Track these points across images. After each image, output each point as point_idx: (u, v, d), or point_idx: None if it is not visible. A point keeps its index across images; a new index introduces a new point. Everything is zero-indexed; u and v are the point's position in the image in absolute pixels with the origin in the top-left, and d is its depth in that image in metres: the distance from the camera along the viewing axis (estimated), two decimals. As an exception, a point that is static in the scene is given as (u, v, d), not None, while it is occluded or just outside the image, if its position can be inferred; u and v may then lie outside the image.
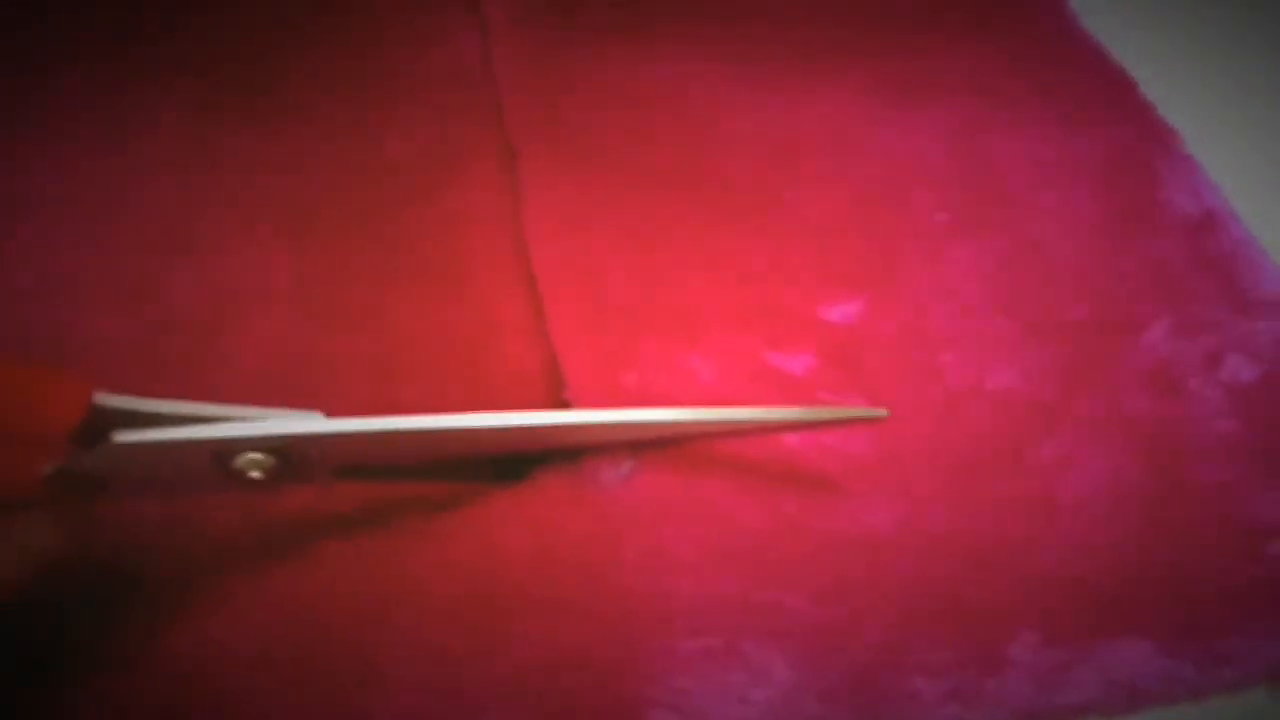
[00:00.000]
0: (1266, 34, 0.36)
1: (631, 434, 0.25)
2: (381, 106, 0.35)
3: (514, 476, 0.26)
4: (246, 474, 0.23)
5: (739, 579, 0.24)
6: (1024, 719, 0.23)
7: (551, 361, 0.28)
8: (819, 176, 0.33)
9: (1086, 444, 0.26)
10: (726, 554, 0.24)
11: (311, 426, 0.23)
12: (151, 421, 0.22)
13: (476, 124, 0.35)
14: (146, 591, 0.25)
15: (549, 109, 0.35)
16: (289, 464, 0.23)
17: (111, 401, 0.22)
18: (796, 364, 0.28)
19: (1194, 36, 0.36)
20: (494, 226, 0.32)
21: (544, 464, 0.26)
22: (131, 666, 0.23)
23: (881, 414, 0.26)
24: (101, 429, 0.22)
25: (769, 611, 0.24)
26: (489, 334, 0.29)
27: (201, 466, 0.23)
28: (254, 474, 0.23)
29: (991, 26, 0.36)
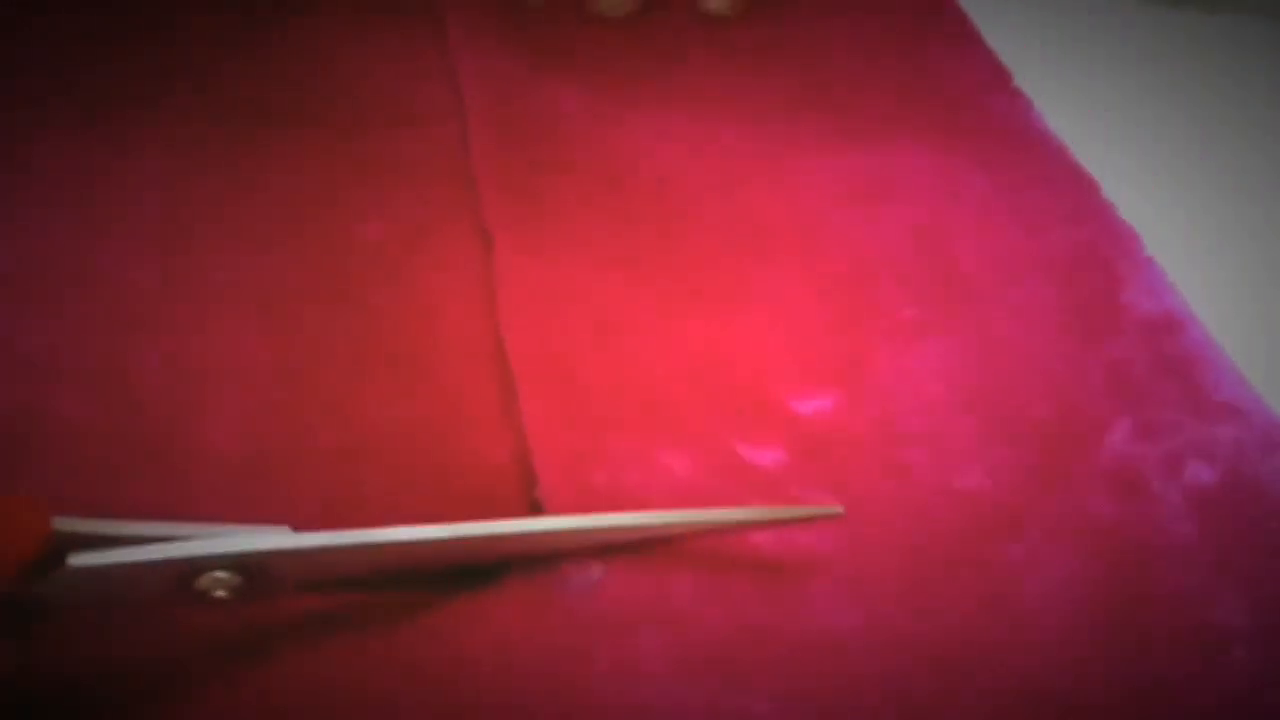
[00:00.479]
0: (1227, 138, 0.37)
1: (598, 538, 0.25)
2: (358, 188, 0.35)
3: (483, 581, 0.25)
4: (211, 594, 0.22)
5: (706, 687, 0.24)
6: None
7: (522, 454, 0.28)
8: (789, 267, 0.33)
9: (1051, 547, 0.27)
10: (693, 662, 0.24)
11: (278, 542, 0.22)
12: (111, 544, 0.22)
13: (452, 206, 0.35)
14: (101, 711, 0.24)
15: (524, 193, 0.35)
16: (254, 581, 0.23)
17: (71, 525, 0.22)
18: (767, 457, 0.28)
19: (1156, 139, 0.37)
20: (467, 310, 0.32)
21: (514, 569, 0.26)
22: None
23: (837, 511, 0.26)
24: (59, 553, 0.21)
25: (736, 716, 0.23)
26: (459, 425, 0.29)
27: (164, 588, 0.22)
28: (219, 593, 0.22)
29: (958, 128, 0.37)
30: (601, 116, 0.38)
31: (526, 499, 0.27)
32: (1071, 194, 0.35)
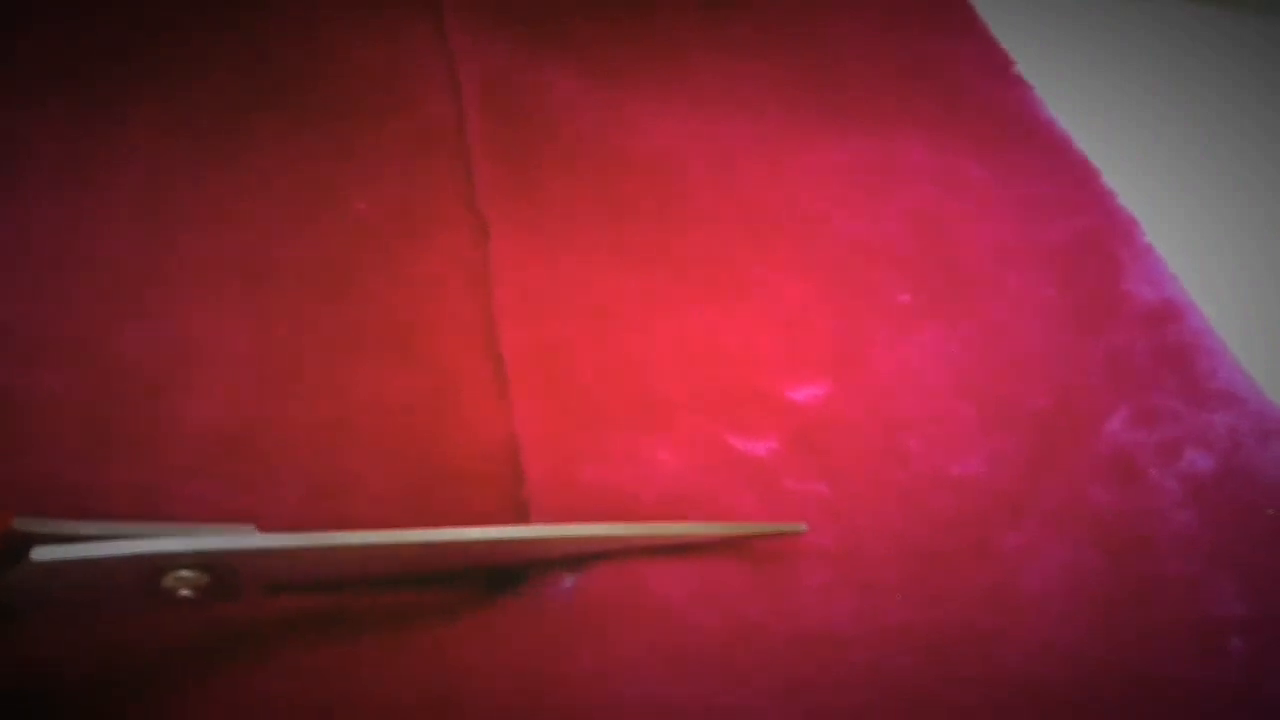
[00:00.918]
0: (1227, 129, 0.37)
1: (569, 548, 0.25)
2: (350, 169, 0.35)
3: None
4: (176, 593, 0.22)
5: (696, 684, 0.23)
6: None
7: (511, 440, 0.28)
8: (788, 256, 0.33)
9: (1050, 534, 0.26)
10: (687, 659, 0.24)
11: (246, 542, 0.22)
12: (70, 537, 0.21)
13: (445, 190, 0.34)
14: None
15: (520, 179, 0.35)
16: (221, 582, 0.22)
17: (32, 525, 0.21)
18: (760, 448, 0.28)
19: (1156, 128, 0.37)
20: (461, 295, 0.31)
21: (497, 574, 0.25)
22: None
23: (800, 529, 0.26)
24: (21, 550, 0.21)
25: (726, 716, 0.23)
26: (449, 405, 0.29)
27: (128, 586, 0.22)
28: (184, 592, 0.22)
29: (958, 116, 0.37)
30: (598, 103, 0.38)
31: (513, 483, 0.27)
32: (1072, 182, 0.35)
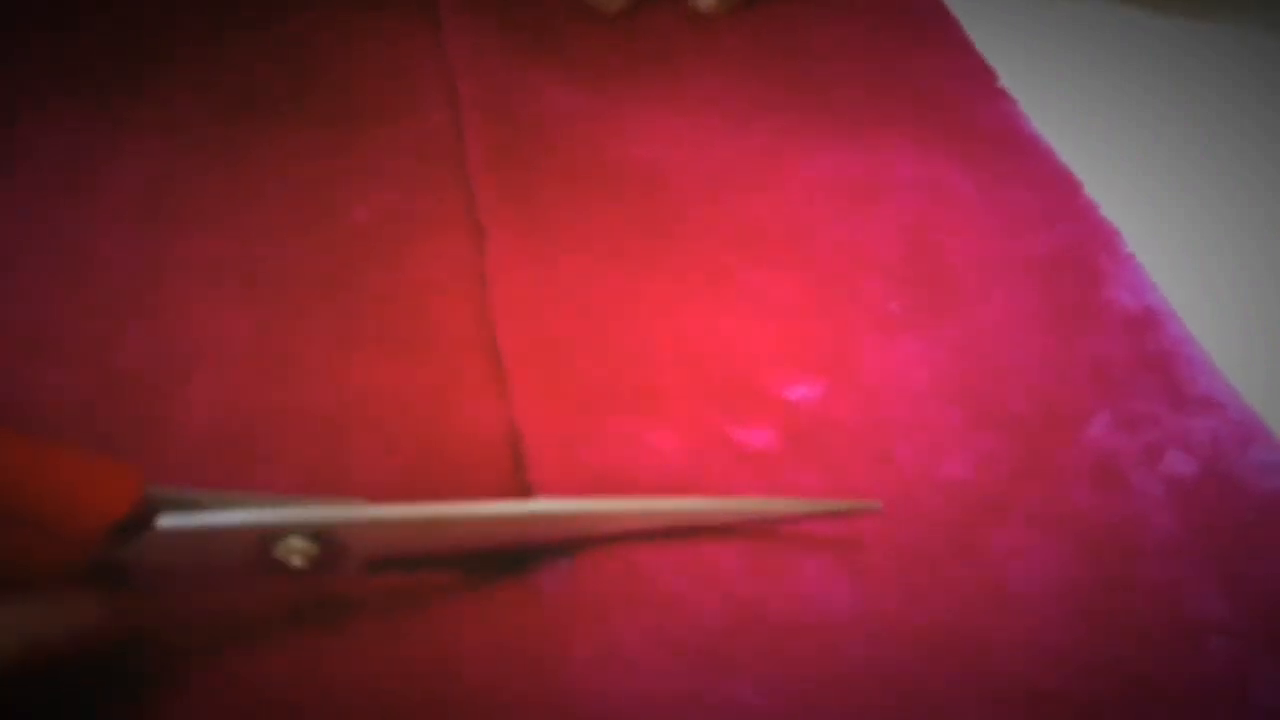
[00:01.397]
0: (1208, 140, 0.38)
1: (657, 523, 0.26)
2: (349, 174, 0.35)
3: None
4: (289, 562, 0.23)
5: (690, 674, 0.24)
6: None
7: (511, 430, 0.28)
8: (778, 264, 0.33)
9: (1034, 537, 0.27)
10: (678, 648, 0.24)
11: (359, 512, 0.23)
12: (193, 506, 0.22)
13: (443, 196, 0.35)
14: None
15: (517, 185, 0.35)
16: (330, 552, 0.23)
17: (160, 492, 0.22)
18: (760, 440, 0.28)
19: (1138, 140, 0.38)
20: (459, 297, 0.32)
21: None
22: None
23: (875, 505, 0.26)
24: (145, 518, 0.22)
25: (719, 707, 0.23)
26: (448, 399, 0.29)
27: (244, 555, 0.23)
28: (296, 561, 0.23)
29: (943, 128, 0.38)
30: (593, 112, 0.38)
31: (515, 475, 0.27)
32: (1055, 193, 0.35)
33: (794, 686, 0.24)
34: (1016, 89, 0.38)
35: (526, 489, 0.27)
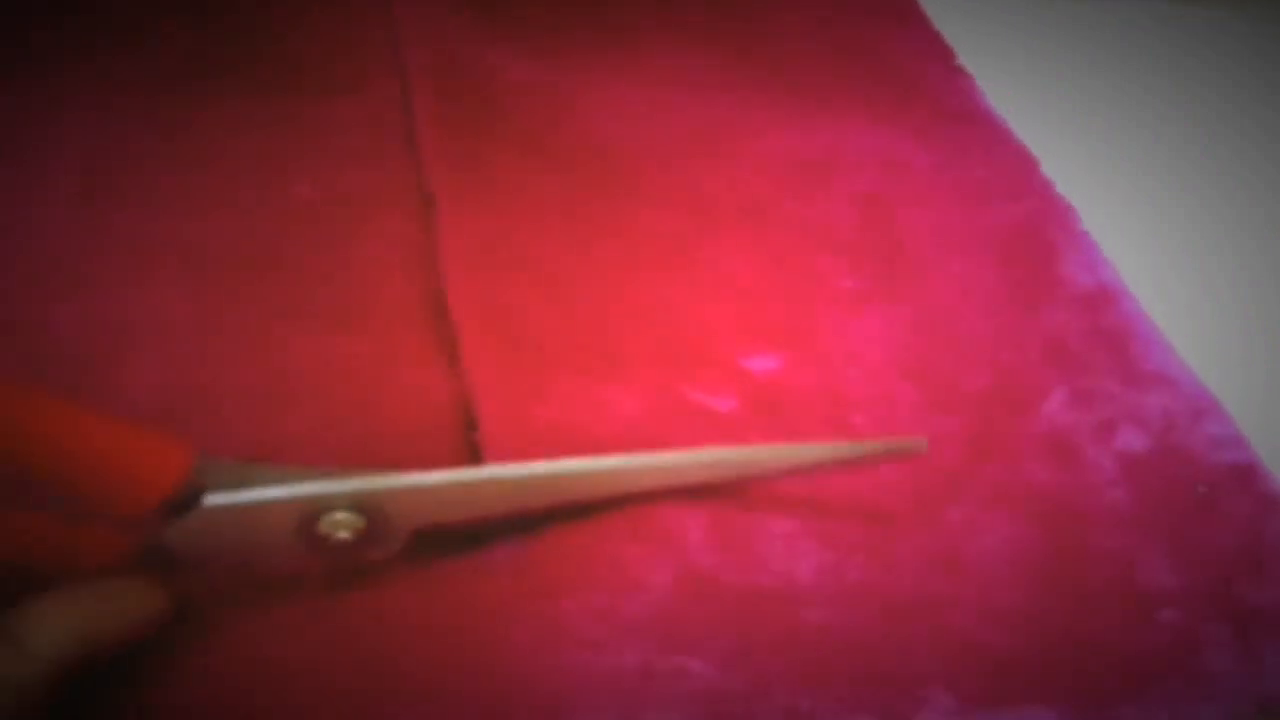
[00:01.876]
0: (1163, 117, 0.38)
1: (701, 475, 0.25)
2: (293, 147, 0.35)
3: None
4: (333, 536, 0.22)
5: (641, 648, 0.23)
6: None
7: (461, 395, 0.28)
8: (736, 238, 0.33)
9: (989, 509, 0.27)
10: (629, 622, 0.24)
11: (405, 480, 0.23)
12: (238, 480, 0.22)
13: (389, 171, 0.34)
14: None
15: (469, 157, 0.35)
16: (374, 524, 0.23)
17: (206, 463, 0.22)
18: (721, 404, 0.28)
19: (1092, 118, 0.38)
20: (405, 270, 0.31)
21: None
22: None
23: (920, 445, 0.25)
24: (192, 492, 0.22)
25: (671, 679, 0.23)
26: (392, 368, 0.29)
27: (286, 531, 0.22)
28: (342, 535, 0.22)
29: (901, 104, 0.37)
30: (548, 85, 0.38)
31: (465, 441, 0.27)
32: (1011, 169, 0.35)
33: (749, 656, 0.24)
34: (973, 66, 0.38)
35: (477, 455, 0.26)
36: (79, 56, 0.37)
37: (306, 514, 0.22)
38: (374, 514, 0.23)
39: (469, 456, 0.26)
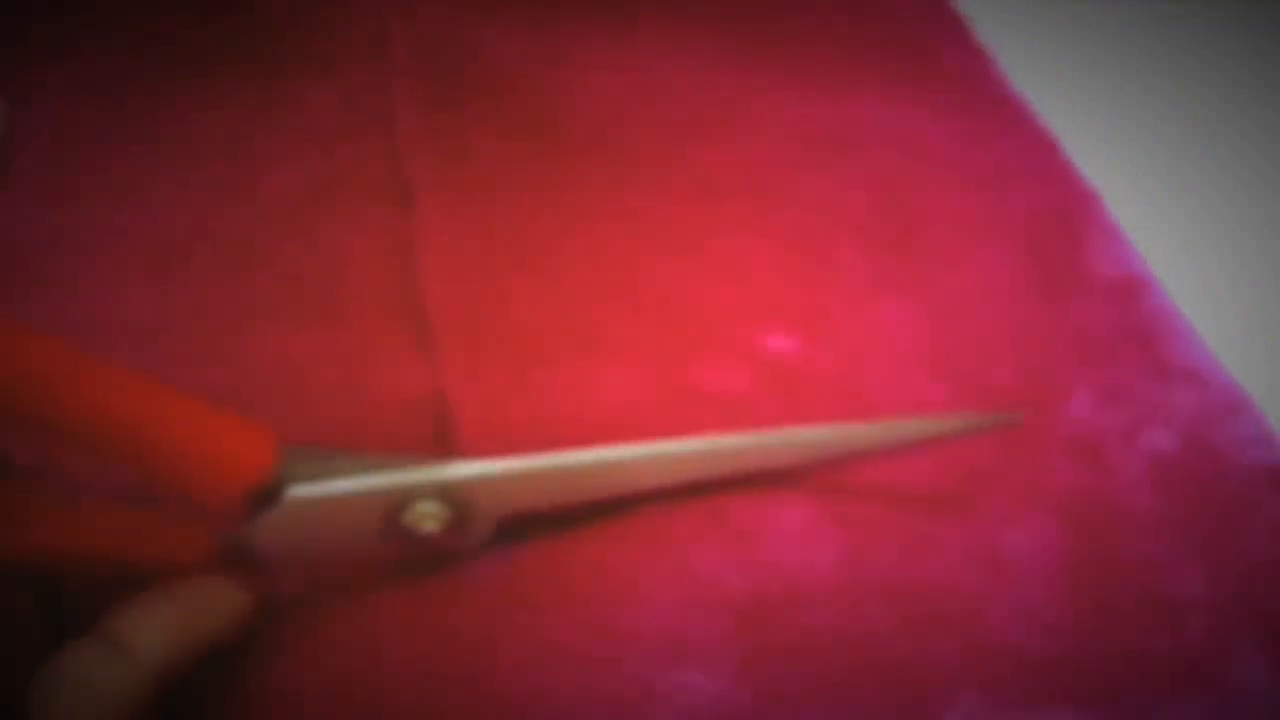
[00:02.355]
0: (1189, 99, 0.36)
1: (812, 454, 0.24)
2: (267, 135, 0.33)
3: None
4: (418, 528, 0.22)
5: (637, 662, 0.22)
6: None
7: (433, 385, 0.27)
8: (741, 221, 0.32)
9: (1019, 508, 0.26)
10: (628, 636, 0.23)
11: (489, 467, 0.22)
12: (319, 470, 0.21)
13: (369, 154, 0.33)
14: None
15: (452, 141, 0.33)
16: (461, 513, 0.22)
17: (290, 453, 0.21)
18: (726, 383, 0.27)
19: (1119, 100, 0.37)
20: (380, 262, 0.30)
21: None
22: None
23: (1017, 417, 0.24)
24: (276, 483, 0.21)
25: (676, 696, 0.22)
26: (363, 361, 0.27)
27: (370, 523, 0.22)
28: (428, 526, 0.22)
29: (919, 82, 0.36)
30: (537, 63, 0.36)
31: (439, 435, 0.26)
32: (1034, 153, 0.34)
33: (763, 667, 0.23)
34: (993, 44, 0.37)
35: (450, 449, 0.26)
36: (48, 48, 0.35)
37: (392, 505, 0.22)
38: (460, 503, 0.22)
39: (445, 453, 0.25)
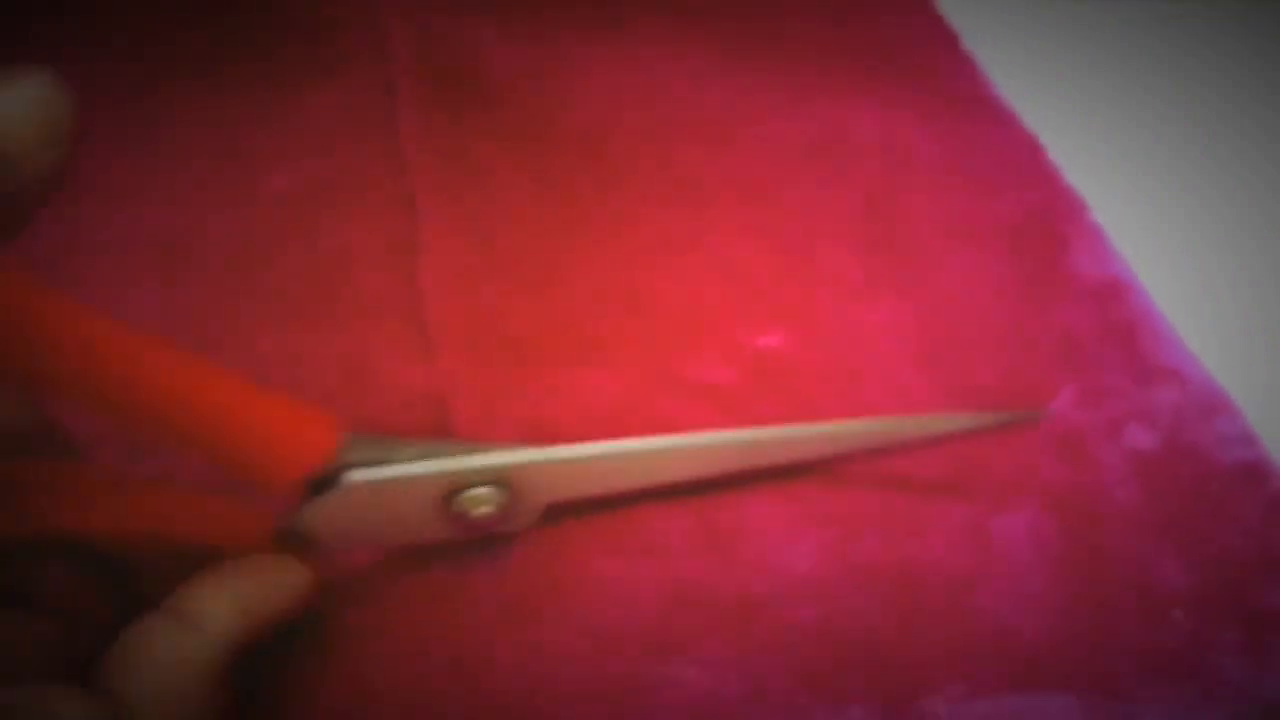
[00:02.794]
0: (1174, 108, 0.37)
1: (861, 443, 0.25)
2: (269, 138, 0.34)
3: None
4: (471, 513, 0.22)
5: (628, 659, 0.23)
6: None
7: (432, 385, 0.27)
8: (733, 225, 0.32)
9: (1006, 502, 0.26)
10: (617, 633, 0.23)
11: (544, 454, 0.23)
12: (377, 456, 0.21)
13: (372, 158, 0.33)
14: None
15: (452, 144, 0.34)
16: (512, 498, 0.22)
17: (351, 439, 0.22)
18: (716, 377, 0.28)
19: (1102, 105, 0.37)
20: (382, 265, 0.30)
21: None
22: None
23: (1036, 416, 0.25)
24: (336, 469, 0.21)
25: (660, 690, 0.22)
26: (363, 362, 0.28)
27: (425, 508, 0.22)
28: (483, 511, 0.22)
29: (906, 88, 0.37)
30: (537, 70, 0.37)
31: (437, 432, 0.26)
32: (1019, 158, 0.35)
33: (751, 660, 0.23)
34: (979, 51, 0.37)
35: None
36: (54, 50, 0.35)
37: (448, 489, 0.22)
38: (514, 488, 0.22)
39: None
